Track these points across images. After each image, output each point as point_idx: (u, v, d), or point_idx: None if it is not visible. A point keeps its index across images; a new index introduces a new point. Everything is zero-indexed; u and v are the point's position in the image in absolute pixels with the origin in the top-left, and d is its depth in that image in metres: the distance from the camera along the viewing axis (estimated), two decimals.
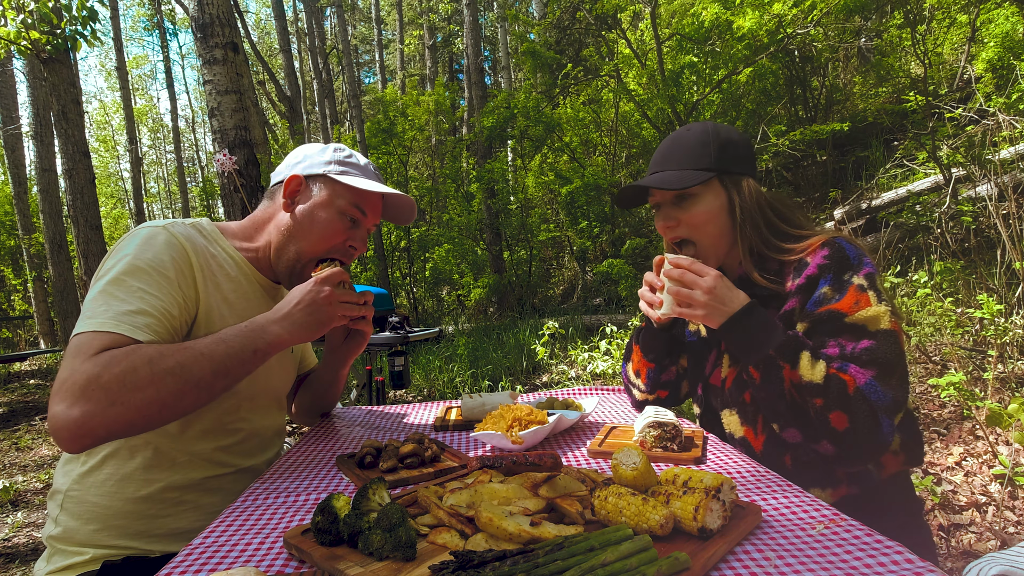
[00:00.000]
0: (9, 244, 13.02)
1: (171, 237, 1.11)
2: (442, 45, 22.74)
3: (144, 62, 30.37)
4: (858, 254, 1.10)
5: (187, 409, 0.97)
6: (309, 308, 1.10)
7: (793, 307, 1.12)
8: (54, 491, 1.16)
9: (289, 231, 1.24)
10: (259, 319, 1.08)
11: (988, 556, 0.76)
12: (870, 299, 1.05)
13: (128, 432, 0.94)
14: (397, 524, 0.72)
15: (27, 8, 5.27)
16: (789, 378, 1.05)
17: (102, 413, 0.88)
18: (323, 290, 1.11)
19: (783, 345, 1.06)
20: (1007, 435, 2.60)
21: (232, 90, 4.37)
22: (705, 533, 0.72)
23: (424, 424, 1.51)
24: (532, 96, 8.72)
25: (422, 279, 11.06)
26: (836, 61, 8.88)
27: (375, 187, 1.23)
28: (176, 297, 1.07)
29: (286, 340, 1.08)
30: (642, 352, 1.44)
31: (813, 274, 1.10)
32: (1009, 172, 4.51)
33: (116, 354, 0.92)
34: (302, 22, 19.17)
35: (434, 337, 4.39)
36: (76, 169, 6.31)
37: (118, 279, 1.03)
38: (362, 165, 1.28)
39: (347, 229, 1.25)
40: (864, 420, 1.00)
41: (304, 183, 1.24)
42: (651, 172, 1.24)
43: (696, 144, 1.19)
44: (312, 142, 3.52)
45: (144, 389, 0.90)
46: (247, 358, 1.02)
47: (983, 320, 3.18)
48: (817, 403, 1.02)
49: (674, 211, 1.22)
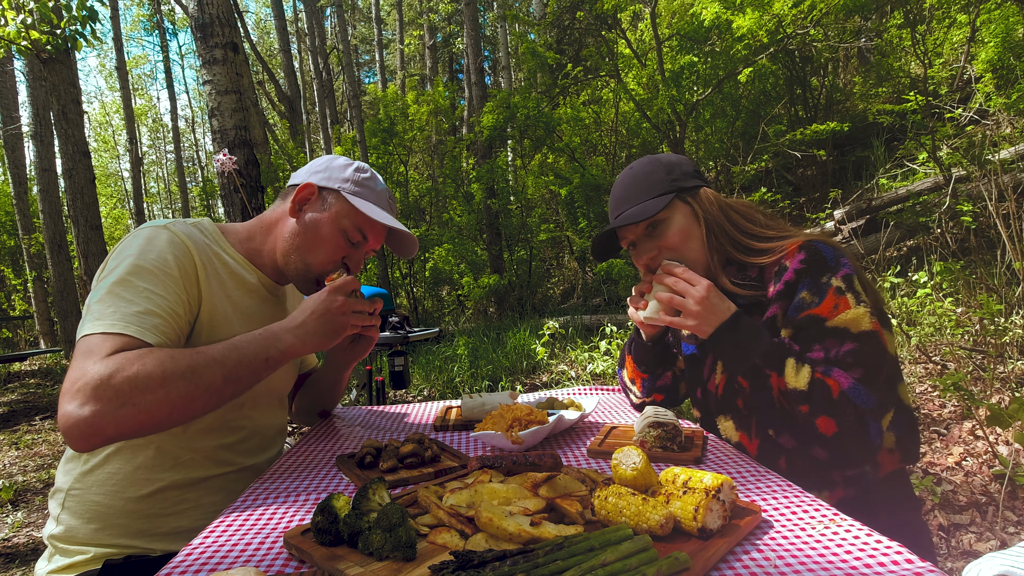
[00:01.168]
0: (9, 244, 13.02)
1: (173, 236, 1.12)
2: (442, 45, 22.74)
3: (144, 62, 30.37)
4: (835, 255, 1.11)
5: (196, 413, 0.98)
6: (323, 318, 1.10)
7: (775, 313, 1.13)
8: (55, 490, 1.16)
9: (292, 238, 1.24)
10: (274, 327, 1.09)
11: (988, 556, 0.76)
12: (848, 301, 1.06)
13: (138, 433, 0.94)
14: (397, 524, 0.72)
15: (27, 8, 5.27)
16: (777, 386, 1.06)
17: (112, 413, 0.88)
18: (336, 299, 1.12)
19: (768, 353, 1.07)
20: (1007, 435, 2.60)
21: (232, 90, 4.37)
22: (705, 533, 0.72)
23: (424, 424, 1.51)
24: (532, 96, 8.72)
25: (422, 279, 11.06)
26: (836, 61, 8.88)
27: (381, 217, 1.24)
28: (181, 296, 1.08)
29: (299, 349, 1.09)
30: (635, 363, 1.47)
31: (791, 280, 1.11)
32: (1009, 172, 4.51)
33: (129, 356, 0.92)
34: (302, 22, 19.17)
35: (434, 337, 4.40)
36: (76, 169, 6.30)
37: (124, 280, 1.03)
38: (378, 191, 1.29)
39: (346, 247, 1.26)
40: (850, 424, 1.01)
41: (317, 193, 1.25)
42: (613, 216, 1.26)
43: (645, 175, 1.23)
44: (315, 143, 3.44)
45: (155, 391, 0.91)
46: (259, 366, 1.03)
47: (983, 320, 3.18)
48: (803, 410, 1.03)
49: (650, 242, 1.24)
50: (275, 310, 1.34)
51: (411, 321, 5.17)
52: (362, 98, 18.09)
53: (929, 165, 5.83)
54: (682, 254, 1.21)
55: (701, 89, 7.37)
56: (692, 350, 1.37)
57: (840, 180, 7.29)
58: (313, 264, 1.24)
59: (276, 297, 1.35)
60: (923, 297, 3.76)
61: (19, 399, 7.07)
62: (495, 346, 6.38)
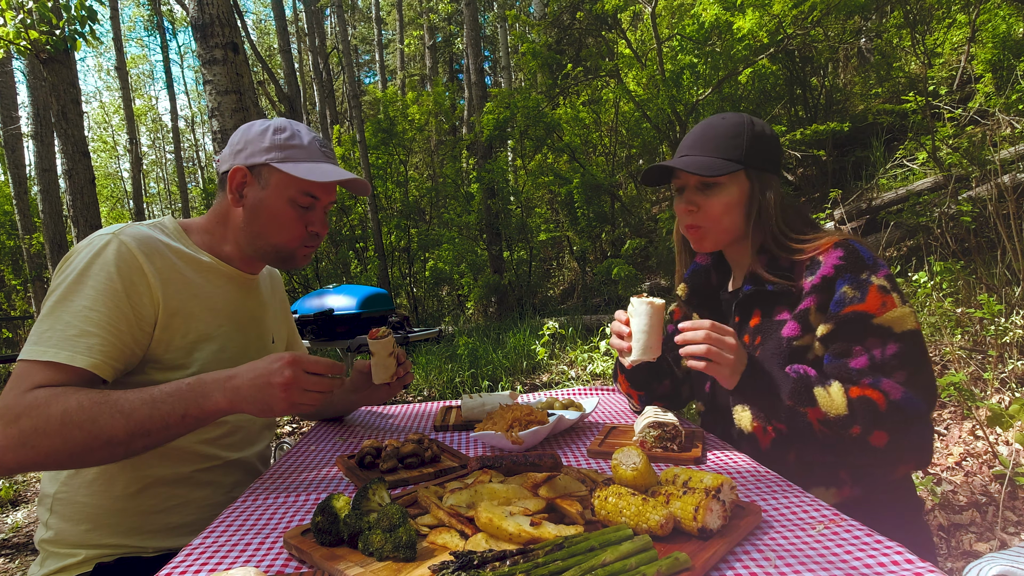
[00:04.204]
0: (9, 244, 13.02)
1: (120, 246, 1.08)
2: (442, 45, 22.73)
3: (142, 62, 30.35)
4: (872, 255, 1.11)
5: (101, 460, 0.97)
6: (260, 389, 0.98)
7: (808, 306, 1.11)
8: (42, 496, 1.16)
9: (248, 226, 1.21)
10: (208, 378, 1.00)
11: (988, 556, 0.76)
12: (895, 300, 1.05)
13: (42, 469, 0.98)
14: (397, 524, 0.72)
15: (26, 7, 5.27)
16: (815, 418, 1.03)
17: (13, 450, 0.92)
18: (284, 373, 0.98)
19: (795, 391, 1.05)
20: (1007, 435, 2.60)
21: (232, 90, 4.37)
22: (705, 533, 0.72)
23: (424, 424, 1.51)
24: (532, 96, 8.72)
25: (422, 279, 11.07)
26: (836, 61, 8.88)
27: (321, 175, 1.17)
28: (123, 309, 1.05)
29: (225, 410, 1.00)
30: (628, 384, 1.45)
31: (829, 275, 1.10)
32: (1009, 172, 4.51)
33: (39, 397, 0.94)
34: (302, 22, 19.16)
35: (434, 337, 4.40)
36: (76, 169, 6.30)
37: (63, 298, 1.03)
38: (307, 145, 1.21)
39: (303, 215, 1.21)
40: (903, 432, 1.00)
41: (248, 174, 1.19)
42: (680, 155, 1.23)
43: (729, 134, 1.19)
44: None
45: (52, 437, 0.92)
46: (174, 422, 0.97)
47: (983, 320, 3.18)
48: (854, 432, 1.00)
49: (697, 196, 1.21)
50: (247, 300, 1.31)
51: (411, 321, 5.17)
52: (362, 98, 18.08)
53: (929, 165, 5.83)
54: (713, 224, 1.20)
55: (701, 89, 7.37)
56: None
57: (840, 180, 7.29)
58: (280, 243, 1.22)
59: (247, 288, 1.31)
60: (923, 297, 3.76)
61: None
62: (495, 346, 6.37)
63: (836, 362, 1.07)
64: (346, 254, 11.50)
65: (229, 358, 1.21)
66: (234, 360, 1.22)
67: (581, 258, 9.98)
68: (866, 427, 0.99)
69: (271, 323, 1.39)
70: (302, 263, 1.28)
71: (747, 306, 1.23)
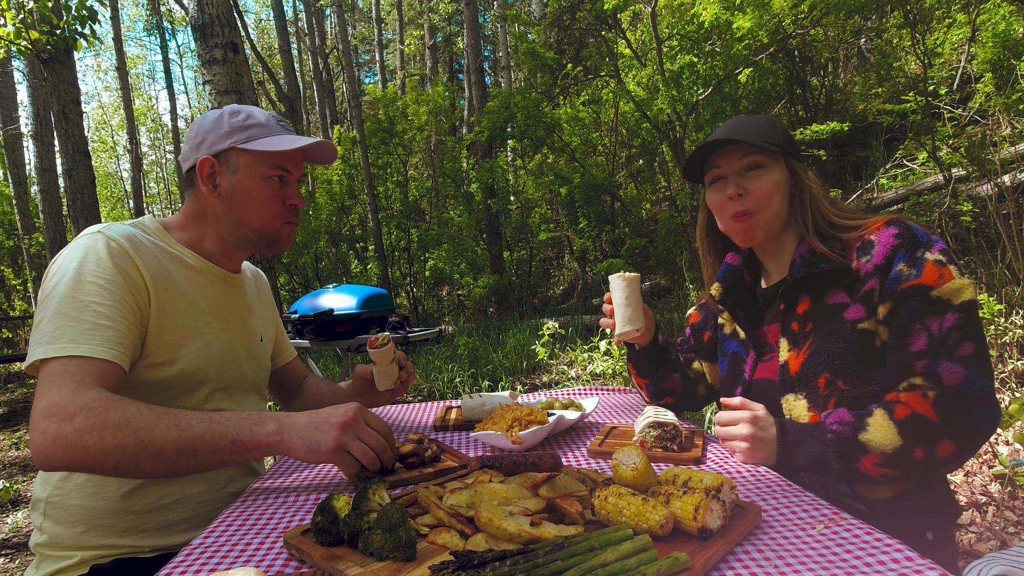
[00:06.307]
0: (9, 244, 13.03)
1: (109, 241, 1.09)
2: (442, 45, 22.73)
3: (142, 62, 30.36)
4: (925, 232, 1.09)
5: (145, 472, 0.95)
6: (315, 423, 0.98)
7: (873, 287, 1.09)
8: (35, 500, 1.15)
9: (227, 214, 1.22)
10: (270, 412, 1.04)
11: (988, 556, 0.76)
12: (952, 272, 1.03)
13: (83, 471, 0.98)
14: (397, 524, 0.72)
15: (26, 7, 5.27)
16: (872, 463, 1.01)
17: (64, 448, 0.91)
18: (344, 413, 0.99)
19: (839, 452, 1.02)
20: (1007, 435, 2.60)
21: (232, 90, 4.36)
22: (705, 533, 0.72)
23: (424, 424, 1.51)
24: (532, 96, 8.72)
25: (422, 279, 11.07)
26: (836, 61, 8.88)
27: (288, 144, 1.19)
28: (128, 301, 1.06)
29: (274, 442, 0.98)
30: (635, 372, 1.46)
31: (888, 253, 1.08)
32: (1009, 172, 4.51)
33: (96, 398, 0.94)
34: (302, 22, 19.16)
35: (434, 337, 4.39)
36: (76, 169, 6.30)
37: (65, 297, 1.02)
38: (264, 122, 1.22)
39: (278, 191, 1.23)
40: (963, 423, 0.98)
41: (215, 163, 1.20)
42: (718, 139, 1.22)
43: (764, 126, 1.20)
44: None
45: (105, 440, 0.92)
46: (222, 447, 0.96)
47: (983, 320, 3.18)
48: (918, 456, 0.98)
49: (743, 180, 1.19)
50: (232, 298, 1.31)
51: (411, 321, 5.17)
52: (362, 98, 18.08)
53: (929, 165, 5.83)
54: (764, 207, 1.19)
55: (701, 89, 7.36)
56: (735, 347, 1.35)
57: (840, 180, 7.29)
58: (261, 225, 1.23)
59: (232, 286, 1.31)
60: None
61: (19, 399, 7.07)
62: (495, 346, 6.38)
63: (897, 345, 1.05)
64: (346, 254, 11.51)
65: (217, 354, 1.21)
66: (222, 356, 1.23)
67: (581, 258, 9.98)
68: (927, 447, 0.97)
69: (258, 323, 1.39)
70: (285, 245, 1.29)
71: (794, 293, 1.20)
